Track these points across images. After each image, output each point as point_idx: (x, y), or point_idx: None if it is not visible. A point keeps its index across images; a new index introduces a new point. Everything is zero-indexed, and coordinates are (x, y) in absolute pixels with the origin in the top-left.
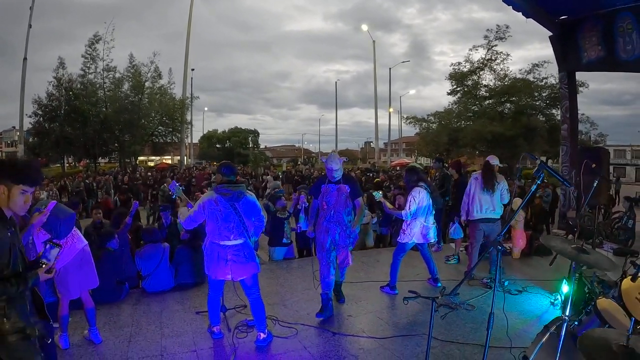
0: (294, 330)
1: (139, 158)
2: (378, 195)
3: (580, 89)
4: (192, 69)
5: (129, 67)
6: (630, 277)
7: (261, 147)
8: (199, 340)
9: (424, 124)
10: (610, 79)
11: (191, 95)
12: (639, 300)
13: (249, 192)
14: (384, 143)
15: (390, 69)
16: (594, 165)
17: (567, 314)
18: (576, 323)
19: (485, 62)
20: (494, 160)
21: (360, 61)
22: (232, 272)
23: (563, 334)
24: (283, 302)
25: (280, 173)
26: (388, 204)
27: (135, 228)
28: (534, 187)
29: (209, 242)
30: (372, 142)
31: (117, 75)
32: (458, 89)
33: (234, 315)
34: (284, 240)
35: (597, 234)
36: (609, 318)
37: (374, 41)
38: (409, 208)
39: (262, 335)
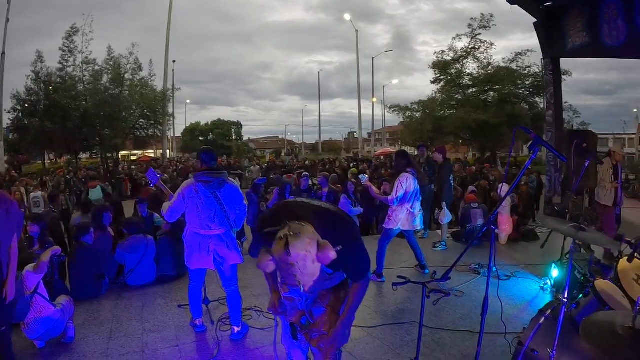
0: (278, 321)
1: (120, 152)
2: (364, 178)
3: (564, 77)
4: (174, 61)
5: (108, 59)
6: (626, 257)
7: (244, 139)
8: (181, 334)
9: (408, 113)
10: (591, 69)
11: (172, 87)
12: (635, 281)
13: (230, 179)
14: (368, 133)
15: (373, 58)
16: (585, 145)
17: (565, 296)
18: (574, 306)
19: (469, 50)
20: None
21: (343, 52)
22: (214, 261)
23: (562, 317)
24: (268, 292)
25: (263, 164)
26: (374, 189)
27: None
28: (528, 162)
29: (190, 232)
30: (355, 132)
31: (97, 67)
32: (441, 77)
33: (217, 307)
34: None
35: (584, 219)
36: (608, 299)
37: (356, 31)
38: (397, 193)
39: (237, 329)
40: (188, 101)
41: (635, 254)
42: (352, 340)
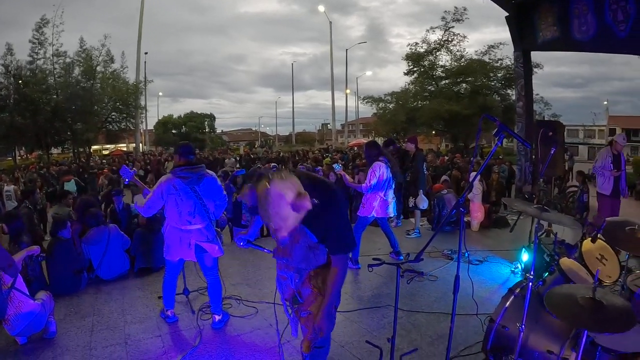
0: (257, 309)
1: (92, 147)
2: (338, 167)
3: (535, 69)
4: (146, 53)
5: (80, 51)
6: (590, 238)
7: (218, 131)
8: (163, 325)
9: (381, 104)
10: (563, 63)
11: (145, 79)
12: (599, 260)
13: (208, 172)
14: (341, 124)
15: (347, 50)
16: (550, 134)
17: (531, 273)
18: (540, 283)
19: (442, 43)
20: None
21: (317, 43)
22: (196, 254)
23: (529, 292)
24: (246, 281)
25: (237, 157)
26: (348, 177)
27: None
28: (494, 148)
29: (170, 227)
30: (329, 123)
31: (68, 60)
32: (415, 69)
33: (197, 297)
34: (243, 222)
35: (553, 207)
36: (572, 276)
37: (330, 22)
38: (370, 182)
39: (217, 317)
40: (160, 94)
41: (599, 236)
42: None
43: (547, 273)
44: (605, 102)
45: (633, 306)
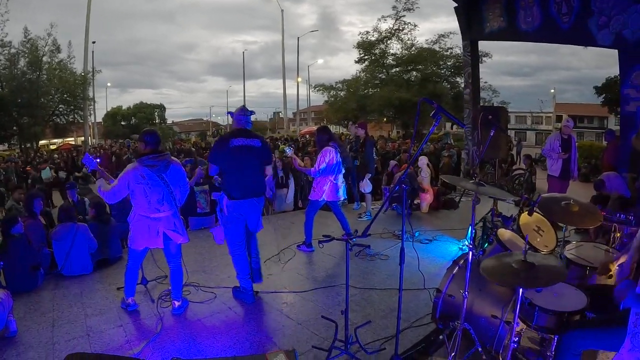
0: (215, 294)
1: (40, 142)
2: (290, 151)
3: (485, 58)
4: (94, 42)
5: (24, 41)
6: (526, 212)
7: (168, 122)
8: (123, 315)
9: (332, 92)
10: (512, 52)
11: (92, 69)
12: (536, 231)
13: (173, 159)
14: (293, 113)
15: (298, 38)
16: (490, 117)
17: (470, 243)
18: (481, 253)
19: (393, 31)
20: None
21: (268, 32)
22: (163, 242)
23: (469, 261)
24: (203, 268)
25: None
26: (299, 161)
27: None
28: (432, 128)
29: (137, 215)
30: (281, 112)
31: (12, 51)
32: (366, 57)
33: (156, 286)
34: (199, 210)
35: (500, 189)
36: (509, 245)
37: (282, 11)
38: (319, 166)
39: (177, 303)
40: (109, 84)
41: (535, 208)
42: (287, 305)
43: (486, 244)
44: (552, 90)
45: (570, 272)
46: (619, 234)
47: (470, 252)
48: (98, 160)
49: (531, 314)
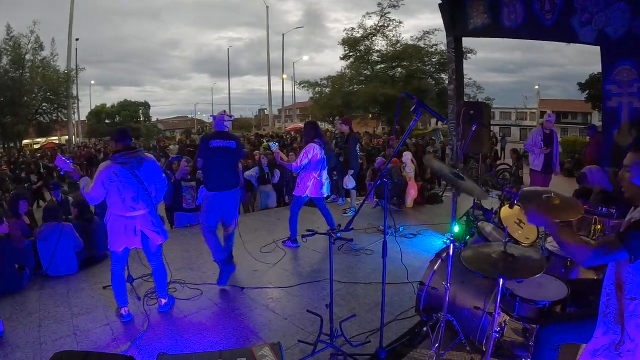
0: (201, 290)
1: (23, 141)
2: (274, 146)
3: (469, 55)
4: (77, 39)
5: (7, 39)
6: (507, 205)
7: (153, 119)
8: (110, 313)
9: (317, 88)
10: (497, 49)
11: (76, 67)
12: (517, 224)
13: (147, 155)
14: (278, 109)
15: (283, 35)
16: (471, 112)
17: (451, 236)
18: (462, 245)
19: (378, 28)
20: None
21: (253, 28)
22: (142, 241)
23: (451, 252)
24: (189, 265)
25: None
26: (282, 155)
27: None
28: (412, 123)
29: (113, 215)
30: (266, 109)
31: None
32: (351, 53)
33: (141, 284)
34: (184, 205)
35: (484, 184)
36: (490, 237)
37: (267, 7)
38: (301, 162)
39: (163, 301)
40: (92, 82)
41: (515, 202)
42: (273, 300)
43: (468, 236)
44: (536, 87)
45: (551, 264)
46: (599, 226)
47: (452, 245)
48: (70, 161)
49: (512, 304)
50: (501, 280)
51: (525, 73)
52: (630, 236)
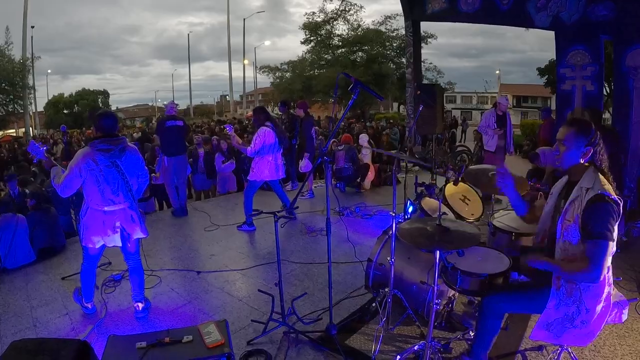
0: (159, 277)
1: None
2: (230, 128)
3: (430, 40)
4: (32, 27)
5: None
6: (452, 182)
7: (113, 108)
8: (69, 304)
9: (278, 73)
10: (458, 35)
11: (32, 55)
12: (462, 201)
13: (130, 145)
14: (240, 95)
15: (244, 20)
16: (418, 92)
17: (393, 211)
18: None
19: (339, 12)
20: None
21: (214, 13)
22: (121, 239)
23: (394, 228)
24: (146, 252)
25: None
26: (237, 139)
27: None
28: (350, 102)
29: (89, 209)
30: (227, 95)
31: None
32: (312, 38)
33: (100, 273)
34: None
35: (443, 164)
36: (432, 213)
37: None
38: (255, 147)
39: (141, 305)
40: (49, 71)
41: (460, 179)
42: (228, 282)
43: (411, 211)
44: (498, 72)
45: (496, 239)
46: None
47: (394, 221)
48: (45, 147)
49: (455, 277)
50: (438, 252)
51: (487, 58)
52: (591, 226)
